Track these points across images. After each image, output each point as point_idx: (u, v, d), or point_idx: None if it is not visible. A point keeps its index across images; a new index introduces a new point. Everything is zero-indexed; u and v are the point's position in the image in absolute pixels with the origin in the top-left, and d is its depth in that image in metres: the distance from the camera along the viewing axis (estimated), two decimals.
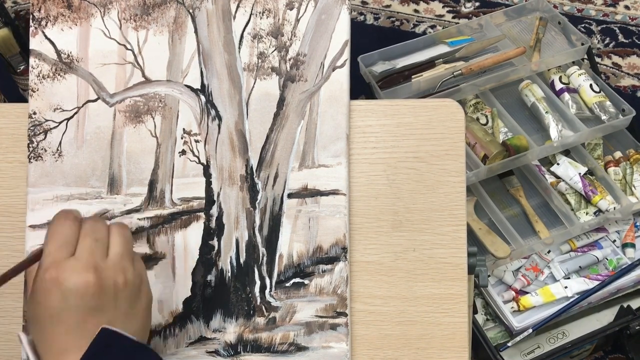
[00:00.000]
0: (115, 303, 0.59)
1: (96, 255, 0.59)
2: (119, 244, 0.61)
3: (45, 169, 0.76)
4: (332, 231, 0.74)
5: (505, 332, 1.24)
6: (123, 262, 0.60)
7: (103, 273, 0.58)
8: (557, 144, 1.33)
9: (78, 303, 0.57)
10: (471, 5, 1.91)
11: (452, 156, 0.75)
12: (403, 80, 1.39)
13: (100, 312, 0.58)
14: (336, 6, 0.76)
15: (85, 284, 0.57)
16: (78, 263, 0.58)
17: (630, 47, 1.80)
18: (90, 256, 0.59)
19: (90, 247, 0.59)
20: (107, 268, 0.59)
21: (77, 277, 0.57)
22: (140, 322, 0.62)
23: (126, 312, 0.60)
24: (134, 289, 0.61)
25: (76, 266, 0.57)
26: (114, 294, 0.59)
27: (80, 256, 0.58)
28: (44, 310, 0.57)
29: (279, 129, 0.76)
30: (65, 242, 0.59)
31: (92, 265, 0.58)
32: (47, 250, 0.59)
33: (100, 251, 0.59)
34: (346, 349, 0.74)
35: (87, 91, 0.77)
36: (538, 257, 1.29)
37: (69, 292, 0.57)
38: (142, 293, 0.62)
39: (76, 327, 0.57)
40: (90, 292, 0.57)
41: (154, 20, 0.77)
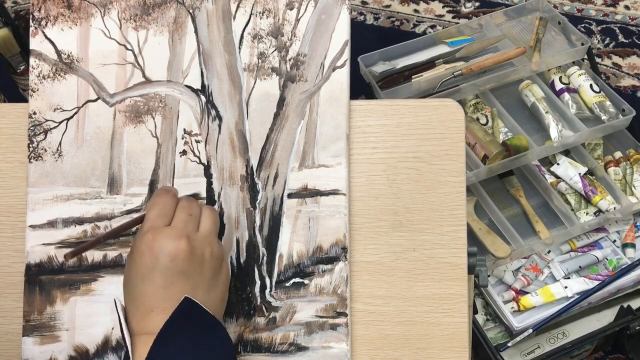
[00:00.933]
0: (201, 271, 0.64)
1: (189, 227, 0.65)
2: (209, 222, 0.67)
3: (45, 169, 0.76)
4: (332, 231, 0.74)
5: (505, 332, 1.24)
6: (211, 237, 0.66)
7: (194, 242, 0.64)
8: (557, 144, 1.33)
9: (168, 265, 0.62)
10: (471, 5, 1.91)
11: (452, 156, 0.75)
12: (403, 80, 1.39)
13: (187, 277, 0.63)
14: (336, 6, 0.76)
15: (177, 248, 0.62)
16: (173, 231, 0.63)
17: (630, 47, 1.80)
18: (184, 227, 0.64)
19: (185, 220, 0.65)
20: (197, 239, 0.64)
21: (171, 242, 0.62)
22: (220, 294, 0.66)
23: (209, 281, 0.65)
24: (217, 263, 0.66)
25: (171, 233, 0.63)
26: (200, 263, 0.64)
27: (175, 225, 0.64)
28: (137, 269, 0.63)
29: (279, 129, 0.76)
30: (164, 212, 0.65)
31: (185, 234, 0.63)
32: (147, 217, 0.65)
33: (192, 225, 0.65)
34: (346, 349, 0.74)
35: (87, 91, 0.77)
36: (538, 257, 1.29)
37: (161, 254, 0.62)
38: (223, 269, 0.67)
39: (164, 289, 0.62)
40: (181, 257, 0.62)
41: (154, 20, 0.77)
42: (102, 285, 0.75)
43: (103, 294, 0.75)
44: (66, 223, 0.75)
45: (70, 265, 0.75)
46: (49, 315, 0.75)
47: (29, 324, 0.75)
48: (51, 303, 0.75)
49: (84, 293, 0.75)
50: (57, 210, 0.75)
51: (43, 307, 0.75)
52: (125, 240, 0.75)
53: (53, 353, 0.74)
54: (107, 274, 0.75)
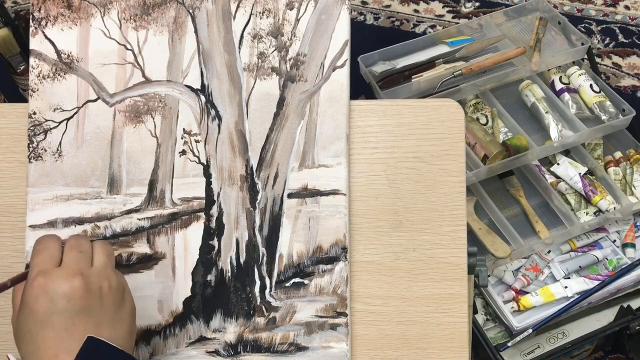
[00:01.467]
0: (102, 306, 0.61)
1: (81, 263, 0.62)
2: (102, 255, 0.64)
3: (45, 169, 0.76)
4: (332, 231, 0.74)
5: (505, 332, 1.24)
6: (107, 271, 0.63)
7: (89, 278, 0.61)
8: (557, 144, 1.33)
9: (66, 306, 0.59)
10: (471, 5, 1.91)
11: (452, 156, 0.75)
12: (403, 80, 1.39)
13: (88, 314, 0.60)
14: (336, 6, 0.76)
15: (72, 287, 0.59)
16: (64, 270, 0.61)
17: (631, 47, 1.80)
18: (76, 264, 0.62)
19: (75, 257, 0.62)
20: (92, 274, 0.62)
21: (64, 281, 0.60)
22: (126, 327, 0.64)
23: (112, 315, 0.62)
24: (118, 294, 0.63)
25: (63, 273, 0.60)
26: (99, 297, 0.61)
27: (66, 264, 0.61)
28: (34, 317, 0.59)
29: (279, 129, 0.76)
30: (50, 255, 0.62)
31: (78, 271, 0.61)
32: (34, 263, 0.62)
33: (84, 261, 0.63)
34: (346, 349, 0.74)
35: (87, 91, 0.77)
36: (538, 257, 1.29)
37: (57, 296, 0.59)
38: (125, 301, 0.64)
39: (65, 331, 0.59)
40: (78, 295, 0.59)
41: (154, 20, 0.77)
42: None
43: None
44: (66, 223, 0.75)
45: None
46: None
47: None
48: None
49: None
50: (57, 210, 0.75)
51: None
52: (125, 240, 0.75)
53: None
54: None
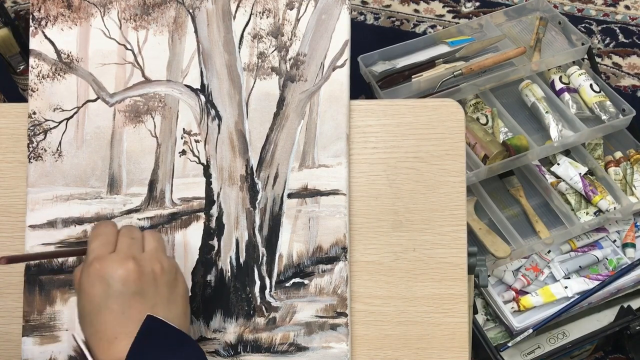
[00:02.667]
0: (156, 288, 0.63)
1: (133, 249, 0.65)
2: (153, 241, 0.67)
3: (45, 169, 0.76)
4: (332, 231, 0.74)
5: (505, 332, 1.24)
6: (158, 254, 0.66)
7: (141, 262, 0.63)
8: (557, 144, 1.33)
9: (121, 289, 0.62)
10: (471, 5, 1.91)
11: (452, 156, 0.75)
12: (403, 80, 1.39)
13: (143, 296, 0.62)
14: (336, 6, 0.76)
15: (126, 271, 0.62)
16: (118, 255, 0.63)
17: (631, 47, 1.80)
18: (129, 249, 0.64)
19: (128, 243, 0.65)
20: (144, 258, 0.64)
21: (118, 266, 0.62)
22: (181, 308, 0.66)
23: (167, 297, 0.64)
24: (170, 276, 0.65)
25: (117, 258, 0.63)
26: (153, 280, 0.63)
27: (120, 250, 0.64)
28: (91, 301, 0.62)
29: (279, 129, 0.76)
30: (106, 241, 0.65)
31: (131, 256, 0.63)
32: (91, 248, 0.65)
33: (137, 246, 0.65)
34: (346, 349, 0.74)
35: (87, 91, 0.77)
36: (538, 257, 1.29)
37: (112, 280, 0.62)
38: (178, 282, 0.66)
39: (122, 313, 0.61)
40: (132, 278, 0.62)
41: (154, 20, 0.77)
42: None
43: None
44: (66, 223, 0.75)
45: (70, 265, 0.75)
46: (48, 315, 0.75)
47: (29, 324, 0.74)
48: (51, 303, 0.75)
49: None
50: (56, 210, 0.75)
51: (43, 307, 0.75)
52: None
53: (53, 353, 0.74)
54: None
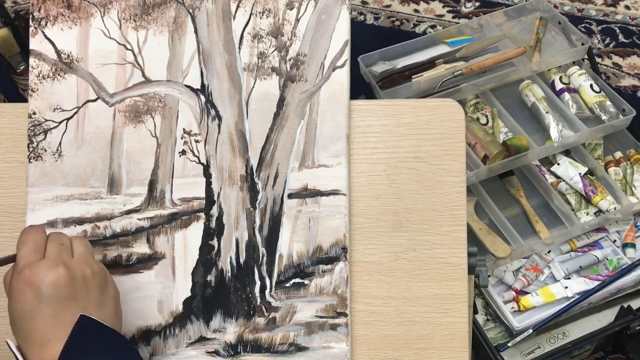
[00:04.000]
0: (87, 291, 0.64)
1: (63, 254, 0.65)
2: (81, 246, 0.67)
3: (45, 169, 0.76)
4: (332, 231, 0.74)
5: (505, 333, 1.24)
6: (87, 258, 0.66)
7: (72, 267, 0.64)
8: (557, 144, 1.33)
9: (53, 294, 0.62)
10: (471, 5, 1.91)
11: (452, 156, 0.75)
12: (403, 80, 1.39)
13: (75, 300, 0.63)
14: (336, 6, 0.76)
15: (57, 276, 0.62)
16: (48, 261, 0.63)
17: (631, 47, 1.80)
18: (58, 255, 0.64)
19: (57, 249, 0.65)
20: (74, 263, 0.65)
21: (49, 272, 0.62)
22: (112, 309, 0.66)
23: (98, 299, 0.65)
24: (101, 279, 0.66)
25: (47, 264, 0.63)
26: (84, 283, 0.64)
27: (49, 256, 0.64)
28: (22, 307, 0.62)
29: (279, 129, 0.76)
30: (35, 248, 0.65)
31: (61, 261, 0.64)
32: (20, 255, 0.64)
33: (66, 252, 0.66)
34: (346, 349, 0.74)
35: (87, 91, 0.77)
36: (538, 257, 1.29)
37: (43, 286, 0.62)
38: (108, 284, 0.67)
39: (54, 318, 0.61)
40: (62, 283, 0.62)
41: (154, 20, 0.77)
42: None
43: None
44: (66, 223, 0.75)
45: None
46: None
47: None
48: None
49: None
50: (57, 210, 0.75)
51: None
52: (125, 241, 0.75)
53: None
54: None
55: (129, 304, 0.75)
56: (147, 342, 0.75)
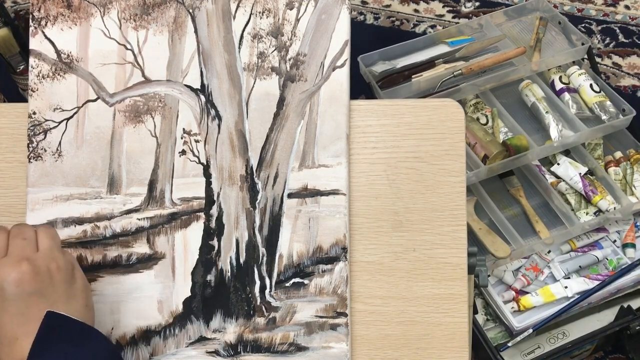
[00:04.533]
0: (53, 286, 0.62)
1: (26, 250, 0.63)
2: (47, 238, 0.65)
3: (45, 169, 0.76)
4: (332, 231, 0.74)
5: (505, 332, 1.24)
6: (53, 252, 0.64)
7: (36, 262, 0.62)
8: (557, 144, 1.33)
9: (17, 291, 0.60)
10: (471, 5, 1.91)
11: (452, 156, 0.75)
12: (403, 80, 1.39)
13: (41, 295, 0.61)
14: (336, 6, 0.76)
15: (20, 273, 0.61)
16: (10, 259, 0.62)
17: (631, 47, 1.80)
18: (21, 251, 0.63)
19: (20, 244, 0.63)
20: (38, 258, 0.63)
21: (11, 269, 0.61)
22: (81, 301, 0.65)
23: (65, 293, 0.63)
24: (67, 272, 0.64)
25: (9, 262, 0.62)
26: (49, 278, 0.62)
27: (12, 253, 0.63)
28: None
29: (279, 129, 0.76)
30: None
31: (24, 257, 0.62)
32: None
33: (30, 247, 0.64)
34: (346, 349, 0.74)
35: (86, 91, 0.77)
36: (538, 257, 1.29)
37: (6, 284, 0.60)
38: (76, 277, 0.65)
39: (21, 314, 0.60)
40: (27, 279, 0.61)
41: (154, 20, 0.77)
42: (102, 285, 0.75)
43: (102, 294, 0.75)
44: (66, 223, 0.75)
45: None
46: None
47: None
48: None
49: None
50: (56, 210, 0.75)
51: None
52: (125, 240, 0.75)
53: None
54: (106, 274, 0.75)
55: (129, 304, 0.75)
56: (147, 342, 0.75)
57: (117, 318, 0.74)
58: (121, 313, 0.75)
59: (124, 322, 0.75)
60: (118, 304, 0.75)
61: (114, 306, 0.75)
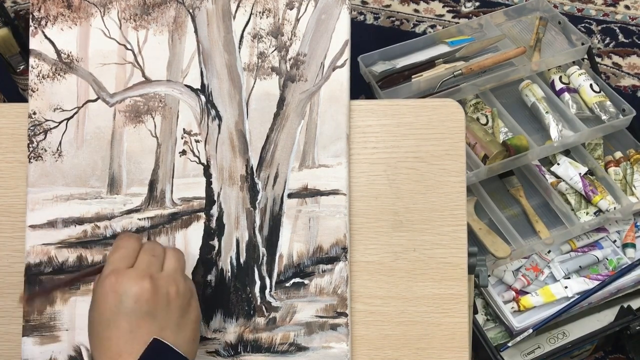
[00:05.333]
0: (167, 311, 0.62)
1: (152, 267, 0.64)
2: (173, 260, 0.66)
3: (45, 169, 0.76)
4: (332, 231, 0.74)
5: (505, 332, 1.24)
6: (176, 275, 0.65)
7: (157, 282, 0.62)
8: (557, 144, 1.33)
9: (133, 307, 0.61)
10: (471, 5, 1.91)
11: (452, 156, 0.75)
12: (403, 80, 1.39)
13: (153, 317, 0.61)
14: (336, 6, 0.76)
15: (141, 289, 0.61)
16: (135, 272, 0.62)
17: (631, 47, 1.80)
18: (147, 267, 0.63)
19: (148, 261, 0.64)
20: (161, 278, 0.63)
21: (134, 283, 0.61)
22: (190, 333, 0.64)
23: (177, 321, 0.63)
24: (184, 301, 0.64)
25: (133, 274, 0.62)
26: (166, 302, 0.62)
27: (138, 267, 0.63)
28: (101, 314, 0.61)
29: (279, 129, 0.76)
30: (126, 255, 0.64)
31: (148, 274, 0.62)
32: (110, 260, 0.64)
33: (156, 265, 0.64)
34: (346, 349, 0.74)
35: (87, 91, 0.77)
36: (538, 257, 1.29)
37: (125, 297, 0.61)
38: (191, 307, 0.65)
39: (130, 332, 0.60)
40: (145, 298, 0.61)
41: (154, 20, 0.77)
42: None
43: None
44: (66, 223, 0.75)
45: (70, 265, 0.75)
46: (48, 315, 0.75)
47: (29, 324, 0.74)
48: (51, 303, 0.75)
49: (84, 293, 0.75)
50: (57, 210, 0.75)
51: (43, 307, 0.75)
52: None
53: (53, 353, 0.74)
54: None
55: None
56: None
57: None
58: None
59: None
60: None
61: None
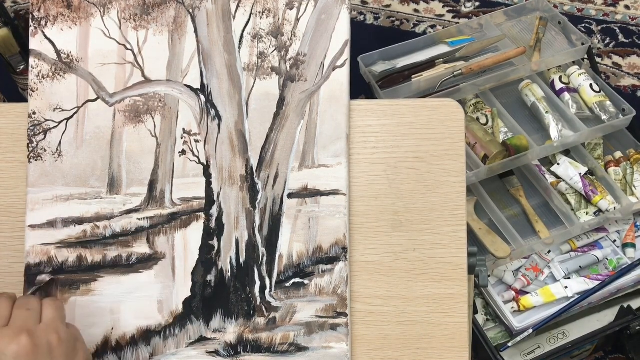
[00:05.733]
0: None
1: (29, 321, 0.61)
2: (52, 310, 0.64)
3: (45, 169, 0.76)
4: (332, 231, 0.74)
5: (505, 333, 1.24)
6: (55, 324, 0.63)
7: (36, 334, 0.60)
8: (557, 144, 1.33)
9: None
10: (471, 5, 1.91)
11: (452, 156, 0.75)
12: (403, 80, 1.39)
13: None
14: (336, 6, 0.76)
15: (18, 346, 0.59)
16: (10, 330, 0.60)
17: (631, 47, 1.80)
18: (23, 323, 0.61)
19: (23, 315, 0.62)
20: (39, 330, 0.61)
21: (10, 341, 0.59)
22: None
23: None
24: (69, 346, 0.63)
25: (8, 332, 0.60)
26: (49, 352, 0.61)
27: (12, 324, 0.61)
28: None
29: (279, 129, 0.76)
30: None
31: (25, 329, 0.60)
32: None
33: (32, 318, 0.62)
34: (346, 349, 0.74)
35: (86, 91, 0.77)
36: (538, 257, 1.29)
37: (4, 357, 0.58)
38: (78, 350, 0.64)
39: None
40: (24, 353, 0.59)
41: (154, 20, 0.77)
42: (102, 285, 0.75)
43: (103, 294, 0.75)
44: (66, 223, 0.75)
45: (70, 265, 0.75)
46: None
47: None
48: None
49: (83, 293, 0.75)
50: (56, 210, 0.75)
51: None
52: (125, 240, 0.75)
53: None
54: (106, 274, 0.75)
55: (129, 304, 0.75)
56: (147, 342, 0.75)
57: (117, 318, 0.74)
58: (121, 313, 0.75)
59: (124, 322, 0.75)
60: (118, 304, 0.75)
61: (114, 306, 0.75)
